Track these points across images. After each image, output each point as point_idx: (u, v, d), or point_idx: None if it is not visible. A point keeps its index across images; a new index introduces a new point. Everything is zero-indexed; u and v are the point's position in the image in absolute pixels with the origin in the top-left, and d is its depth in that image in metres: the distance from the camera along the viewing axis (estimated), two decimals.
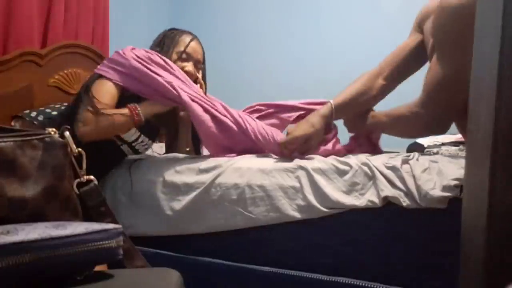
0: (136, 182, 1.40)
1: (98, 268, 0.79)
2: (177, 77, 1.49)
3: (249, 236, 1.24)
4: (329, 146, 1.36)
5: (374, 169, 1.14)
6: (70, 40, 1.92)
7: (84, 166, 0.90)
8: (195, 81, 1.65)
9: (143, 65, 1.44)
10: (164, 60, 1.51)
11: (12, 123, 1.65)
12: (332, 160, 1.23)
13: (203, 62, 1.74)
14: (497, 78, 0.62)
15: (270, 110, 1.64)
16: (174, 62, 1.57)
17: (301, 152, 1.29)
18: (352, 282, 1.14)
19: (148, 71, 1.43)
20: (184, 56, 1.62)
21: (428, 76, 1.21)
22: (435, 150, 1.62)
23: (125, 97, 1.47)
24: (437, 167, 1.10)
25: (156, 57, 1.50)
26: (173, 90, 1.43)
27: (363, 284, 1.12)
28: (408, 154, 1.24)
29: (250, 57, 2.63)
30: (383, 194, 1.09)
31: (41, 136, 0.85)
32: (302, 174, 1.20)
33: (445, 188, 1.04)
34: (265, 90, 2.65)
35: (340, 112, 1.30)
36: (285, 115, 1.59)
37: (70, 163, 0.88)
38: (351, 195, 1.14)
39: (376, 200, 1.10)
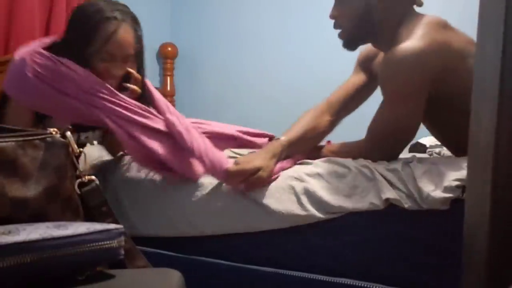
0: (136, 181, 1.40)
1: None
2: (87, 87, 1.19)
3: (250, 237, 1.24)
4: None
5: (375, 171, 1.14)
6: None
7: (86, 166, 0.90)
8: (126, 81, 1.32)
9: (47, 83, 1.17)
10: (69, 68, 1.19)
11: None
12: (330, 164, 1.23)
13: (138, 49, 1.32)
14: (499, 78, 0.62)
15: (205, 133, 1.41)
16: (95, 67, 1.24)
17: (248, 185, 1.21)
18: (353, 283, 1.13)
19: (55, 93, 1.17)
20: (106, 57, 1.24)
21: (373, 124, 1.23)
22: (437, 150, 1.62)
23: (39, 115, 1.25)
24: (438, 169, 1.10)
25: (59, 67, 1.19)
26: (88, 110, 1.18)
27: (364, 285, 1.12)
28: (408, 157, 1.23)
29: (251, 56, 2.63)
30: (384, 196, 1.09)
31: (42, 136, 0.85)
32: (296, 184, 1.20)
33: (446, 189, 1.04)
34: (265, 90, 2.65)
35: (290, 149, 1.28)
36: (220, 144, 1.41)
37: (71, 163, 0.89)
38: (352, 198, 1.14)
39: (378, 203, 1.10)
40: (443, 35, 1.15)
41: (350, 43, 1.32)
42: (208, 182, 1.29)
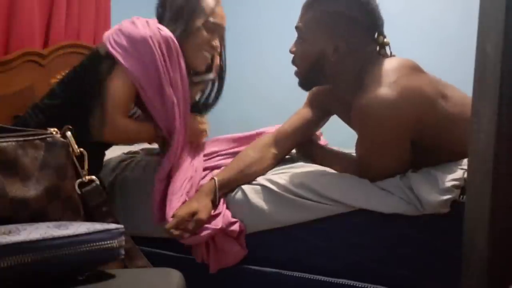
0: (136, 181, 1.40)
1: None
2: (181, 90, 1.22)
3: (249, 237, 1.24)
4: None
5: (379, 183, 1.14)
6: (72, 40, 1.92)
7: (86, 166, 0.90)
8: (212, 60, 1.36)
9: (162, 67, 1.17)
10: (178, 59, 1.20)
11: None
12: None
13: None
14: (499, 78, 0.62)
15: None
16: (201, 34, 1.27)
17: (187, 230, 1.18)
18: (353, 284, 1.14)
19: (164, 81, 1.17)
20: (212, 27, 1.30)
21: (358, 150, 1.18)
22: None
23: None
24: (432, 175, 1.11)
25: (174, 49, 1.19)
26: (176, 117, 1.20)
27: (363, 286, 1.12)
28: None
29: (250, 57, 2.63)
30: (385, 208, 1.09)
31: (42, 136, 0.85)
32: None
33: (443, 191, 1.04)
34: (265, 90, 2.65)
35: (225, 187, 1.24)
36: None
37: (72, 163, 0.89)
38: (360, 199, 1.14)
39: (381, 209, 1.10)
40: (413, 81, 1.09)
41: (304, 84, 1.28)
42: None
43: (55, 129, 0.88)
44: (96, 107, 1.20)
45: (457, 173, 1.09)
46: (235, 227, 1.21)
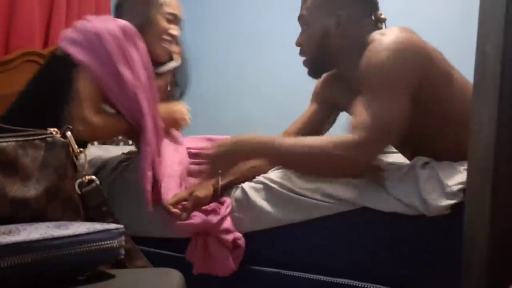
0: (136, 181, 1.39)
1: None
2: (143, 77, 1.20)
3: (249, 237, 1.24)
4: None
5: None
6: None
7: (86, 166, 0.90)
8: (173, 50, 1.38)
9: (115, 55, 1.15)
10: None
11: None
12: None
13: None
14: (500, 78, 0.62)
15: None
16: (158, 24, 1.31)
17: (190, 208, 1.20)
18: (353, 284, 1.14)
19: (123, 70, 1.15)
20: (170, 17, 1.35)
21: (360, 118, 1.07)
22: None
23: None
24: (437, 175, 1.10)
25: (131, 36, 1.19)
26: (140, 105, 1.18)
27: (363, 286, 1.12)
28: (409, 163, 1.20)
29: (250, 57, 2.63)
30: (390, 207, 1.09)
31: (43, 136, 0.85)
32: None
33: (449, 195, 1.04)
34: (265, 90, 2.65)
35: (228, 177, 1.25)
36: None
37: (71, 163, 0.89)
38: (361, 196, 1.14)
39: (383, 209, 1.10)
40: (416, 38, 1.15)
41: (313, 72, 1.30)
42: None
43: (55, 129, 0.88)
44: (66, 108, 1.19)
45: (464, 175, 1.08)
46: (229, 236, 1.18)
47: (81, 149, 0.90)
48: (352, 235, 1.16)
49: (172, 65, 1.39)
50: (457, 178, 1.07)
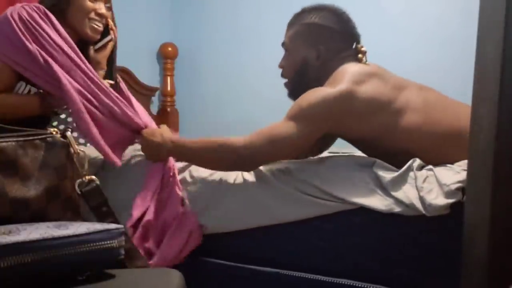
0: (138, 181, 1.39)
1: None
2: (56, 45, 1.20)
3: (250, 237, 1.24)
4: None
5: (382, 180, 1.13)
6: None
7: (86, 166, 0.90)
8: (107, 26, 1.39)
9: (21, 31, 1.17)
10: (49, 19, 1.22)
11: None
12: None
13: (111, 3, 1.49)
14: (500, 79, 0.62)
15: None
16: (81, 4, 1.30)
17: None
18: (353, 284, 1.13)
19: (32, 37, 1.17)
20: None
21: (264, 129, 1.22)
22: None
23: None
24: (435, 175, 1.11)
25: (36, 15, 1.20)
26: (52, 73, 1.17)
27: (364, 286, 1.12)
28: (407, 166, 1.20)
29: (251, 56, 2.63)
30: (388, 207, 1.09)
31: (42, 136, 0.85)
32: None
33: (447, 194, 1.04)
34: (265, 90, 2.64)
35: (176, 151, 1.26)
36: None
37: (71, 163, 0.89)
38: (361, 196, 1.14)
39: (382, 209, 1.10)
40: (355, 86, 1.18)
41: (292, 95, 1.37)
42: (209, 180, 1.29)
43: (55, 129, 0.88)
44: None
45: (461, 175, 1.09)
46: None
47: (81, 149, 0.90)
48: (352, 236, 1.15)
49: (105, 39, 1.40)
50: (455, 177, 1.07)
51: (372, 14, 2.27)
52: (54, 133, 0.87)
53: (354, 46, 1.33)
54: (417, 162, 1.15)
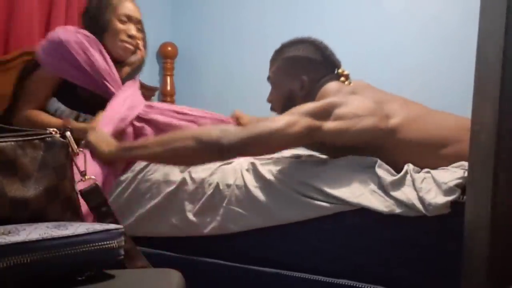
0: (139, 181, 1.39)
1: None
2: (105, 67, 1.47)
3: (250, 238, 1.24)
4: None
5: (382, 182, 1.13)
6: None
7: (86, 166, 0.90)
8: (136, 46, 1.58)
9: (82, 49, 1.43)
10: (96, 45, 1.47)
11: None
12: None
13: (142, 25, 1.64)
14: (501, 78, 0.62)
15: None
16: (114, 27, 1.51)
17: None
18: (353, 285, 1.13)
19: (87, 59, 1.42)
20: (124, 18, 1.53)
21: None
22: None
23: (62, 85, 1.47)
24: (432, 177, 1.11)
25: (92, 41, 1.46)
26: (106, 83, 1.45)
27: (364, 286, 1.12)
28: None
29: (251, 56, 2.62)
30: (388, 208, 1.09)
31: (42, 136, 0.85)
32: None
33: (446, 192, 1.05)
34: (265, 90, 2.64)
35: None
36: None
37: (71, 163, 0.88)
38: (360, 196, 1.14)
39: (383, 210, 1.10)
40: (334, 98, 1.25)
41: None
42: (207, 182, 1.29)
43: (55, 129, 0.88)
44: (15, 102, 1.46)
45: (458, 173, 1.10)
46: None
47: (81, 149, 0.89)
48: (352, 236, 1.15)
49: (131, 59, 1.58)
50: (452, 175, 1.08)
51: (372, 14, 2.27)
52: (53, 133, 0.87)
53: (336, 72, 1.41)
54: (411, 166, 1.16)
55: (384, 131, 1.20)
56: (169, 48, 2.66)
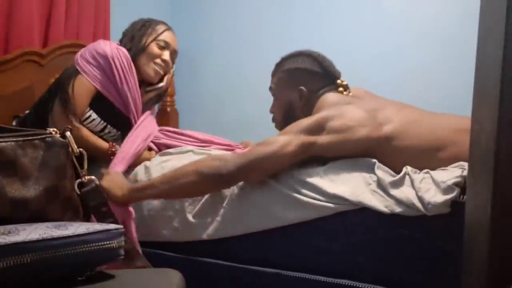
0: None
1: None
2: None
3: (250, 238, 1.24)
4: None
5: (381, 182, 1.13)
6: (71, 40, 1.91)
7: (86, 166, 0.90)
8: (166, 73, 1.65)
9: (122, 68, 1.52)
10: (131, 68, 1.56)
11: (13, 123, 1.65)
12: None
13: (176, 56, 1.73)
14: (500, 78, 0.62)
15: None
16: (151, 50, 1.59)
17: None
18: (354, 285, 1.13)
19: (124, 80, 1.52)
20: (162, 44, 1.62)
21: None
22: None
23: (97, 98, 1.53)
24: (431, 177, 1.12)
25: (130, 62, 1.55)
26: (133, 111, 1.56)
27: (363, 286, 1.12)
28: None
29: (251, 57, 2.63)
30: (389, 208, 1.09)
31: (42, 136, 0.85)
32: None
33: (445, 191, 1.05)
34: (265, 90, 2.64)
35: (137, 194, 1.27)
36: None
37: (71, 163, 0.88)
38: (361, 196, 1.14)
39: (383, 209, 1.10)
40: (328, 111, 1.26)
41: None
42: None
43: (55, 129, 0.88)
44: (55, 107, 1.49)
45: (456, 172, 1.10)
46: None
47: (81, 149, 0.90)
48: (352, 236, 1.15)
49: (159, 86, 1.66)
50: (450, 174, 1.09)
51: (372, 14, 2.27)
52: (53, 133, 0.87)
53: (334, 82, 1.41)
54: (410, 168, 1.16)
55: (378, 140, 1.21)
56: None
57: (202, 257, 1.30)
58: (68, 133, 0.88)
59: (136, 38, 1.60)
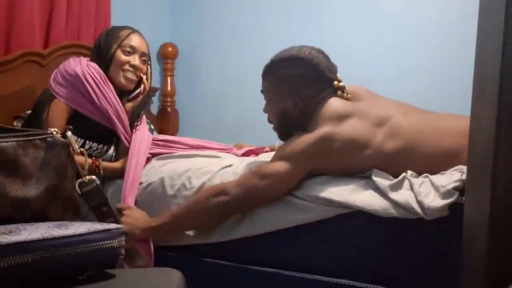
0: (140, 192, 1.40)
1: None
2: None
3: (250, 239, 1.24)
4: None
5: (379, 186, 1.13)
6: (72, 40, 1.92)
7: (86, 166, 0.90)
8: (139, 78, 1.60)
9: (96, 84, 1.50)
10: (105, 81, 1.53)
11: (14, 124, 1.65)
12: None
13: (148, 57, 1.66)
14: (499, 78, 0.62)
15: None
16: (118, 57, 1.54)
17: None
18: (353, 285, 1.13)
19: (100, 95, 1.50)
20: (128, 49, 1.56)
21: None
22: None
23: (74, 116, 1.51)
24: (430, 181, 1.12)
25: (103, 77, 1.52)
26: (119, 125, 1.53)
27: (364, 286, 1.12)
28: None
29: (251, 56, 2.63)
30: (388, 212, 1.09)
31: (43, 136, 0.85)
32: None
33: (444, 195, 1.05)
34: None
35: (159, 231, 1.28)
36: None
37: (72, 163, 0.89)
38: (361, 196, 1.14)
39: (383, 212, 1.10)
40: (334, 127, 1.21)
41: (281, 138, 1.39)
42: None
43: (55, 129, 0.88)
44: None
45: (455, 176, 1.09)
46: None
47: (82, 149, 0.90)
48: (352, 238, 1.15)
49: (136, 92, 1.61)
50: (449, 178, 1.08)
51: (370, 13, 2.27)
52: (54, 133, 0.87)
53: (331, 85, 1.32)
54: (410, 172, 1.16)
55: (385, 157, 1.19)
56: (170, 49, 2.66)
57: (202, 257, 1.30)
58: (69, 133, 0.88)
59: (103, 50, 1.56)
